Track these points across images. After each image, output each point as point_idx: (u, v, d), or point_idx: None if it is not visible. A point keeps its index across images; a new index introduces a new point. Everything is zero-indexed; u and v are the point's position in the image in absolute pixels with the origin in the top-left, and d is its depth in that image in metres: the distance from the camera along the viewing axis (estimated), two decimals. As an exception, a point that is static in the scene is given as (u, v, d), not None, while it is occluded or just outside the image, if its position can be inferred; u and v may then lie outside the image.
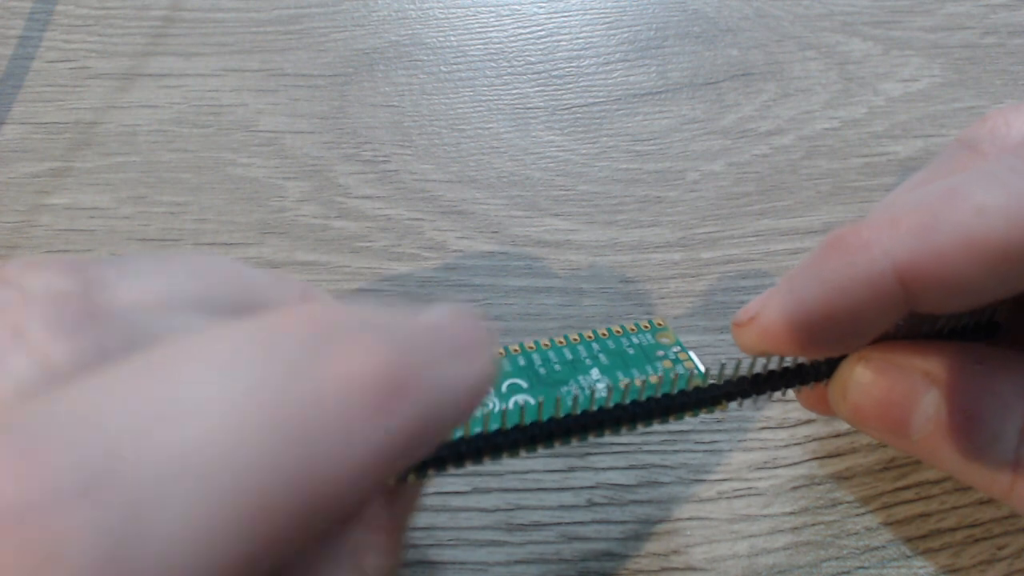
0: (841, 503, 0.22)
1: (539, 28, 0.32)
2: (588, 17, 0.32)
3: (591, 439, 0.15)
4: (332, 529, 0.09)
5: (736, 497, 0.22)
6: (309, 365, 0.08)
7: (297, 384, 0.08)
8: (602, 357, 0.17)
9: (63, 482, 0.06)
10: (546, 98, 0.30)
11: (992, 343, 0.18)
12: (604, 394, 0.15)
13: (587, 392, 0.16)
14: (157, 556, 0.06)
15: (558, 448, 0.16)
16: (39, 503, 0.06)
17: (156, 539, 0.06)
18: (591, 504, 0.22)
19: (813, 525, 0.22)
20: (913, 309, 0.15)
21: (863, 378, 0.16)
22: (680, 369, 0.17)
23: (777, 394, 0.17)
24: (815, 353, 0.17)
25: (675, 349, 0.18)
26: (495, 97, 0.30)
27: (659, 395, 0.16)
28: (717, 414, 0.18)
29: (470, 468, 0.14)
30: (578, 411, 0.15)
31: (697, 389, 0.16)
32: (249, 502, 0.07)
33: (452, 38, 0.32)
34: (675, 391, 0.16)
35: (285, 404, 0.07)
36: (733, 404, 0.17)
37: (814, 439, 0.23)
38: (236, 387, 0.07)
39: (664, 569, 0.21)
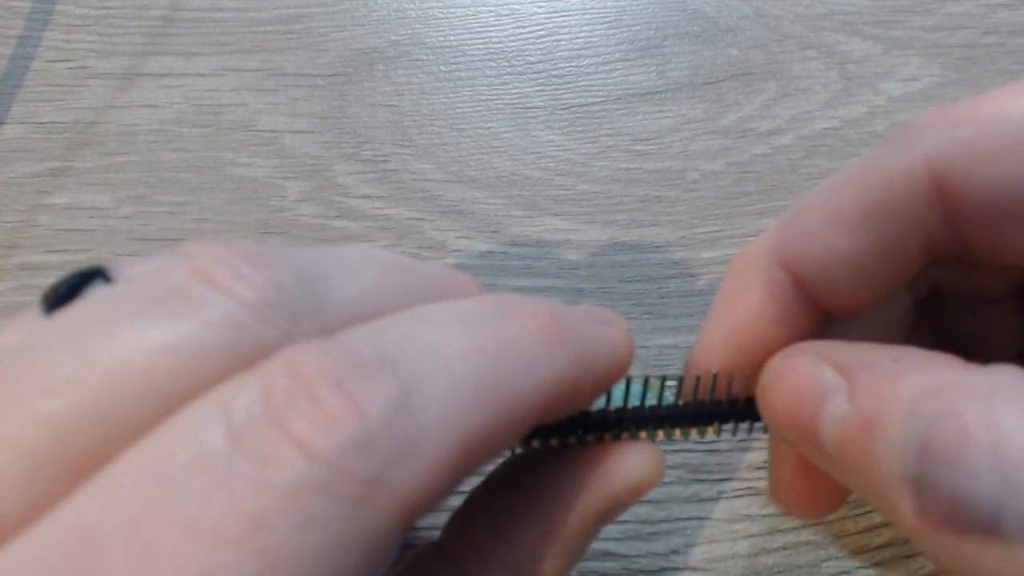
0: (841, 503, 0.22)
1: (539, 28, 0.32)
2: (588, 17, 0.32)
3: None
4: (517, 437, 0.12)
5: (736, 497, 0.22)
6: (504, 321, 0.12)
7: (498, 330, 0.11)
8: None
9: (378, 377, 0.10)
10: (546, 98, 0.30)
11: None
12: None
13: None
14: (426, 415, 0.10)
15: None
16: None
17: (427, 404, 0.10)
18: (591, 504, 0.22)
19: (813, 525, 0.22)
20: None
21: (774, 371, 0.15)
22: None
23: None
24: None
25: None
26: (495, 97, 0.30)
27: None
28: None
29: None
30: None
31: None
32: (477, 395, 0.10)
33: (452, 38, 0.32)
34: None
35: (494, 341, 0.11)
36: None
37: (814, 439, 0.23)
38: (466, 333, 0.11)
39: (664, 569, 0.21)
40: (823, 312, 0.16)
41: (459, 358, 0.11)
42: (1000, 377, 0.12)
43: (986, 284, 0.17)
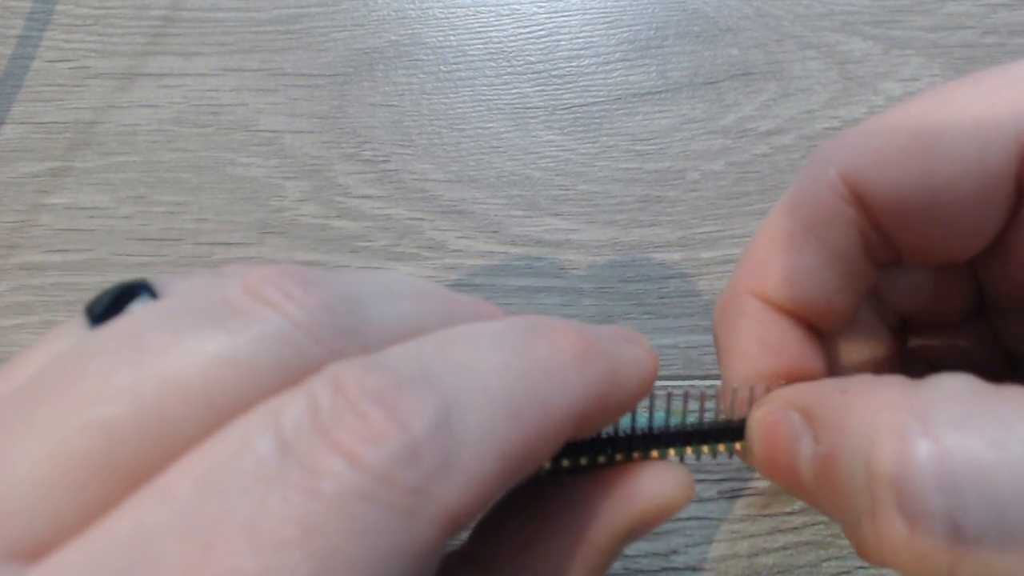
0: (841, 503, 0.22)
1: (539, 28, 0.32)
2: (588, 17, 0.32)
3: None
4: (548, 452, 0.12)
5: (736, 497, 0.22)
6: (534, 340, 0.12)
7: (530, 349, 0.12)
8: None
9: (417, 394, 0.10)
10: (546, 98, 0.30)
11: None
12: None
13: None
14: (465, 429, 0.10)
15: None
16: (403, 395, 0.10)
17: (466, 419, 0.10)
18: (591, 504, 0.22)
19: (813, 525, 0.22)
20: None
21: (755, 423, 0.15)
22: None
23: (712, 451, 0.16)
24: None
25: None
26: (495, 97, 0.30)
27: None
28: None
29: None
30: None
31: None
32: (512, 410, 0.11)
33: (452, 38, 0.32)
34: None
35: (527, 358, 0.12)
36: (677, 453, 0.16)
37: (814, 439, 0.23)
38: (499, 351, 0.11)
39: (664, 569, 0.21)
40: (813, 328, 0.17)
41: (494, 375, 0.11)
42: (937, 390, 0.12)
43: (948, 307, 0.18)
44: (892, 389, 0.12)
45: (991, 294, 0.18)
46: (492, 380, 0.11)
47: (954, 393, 0.12)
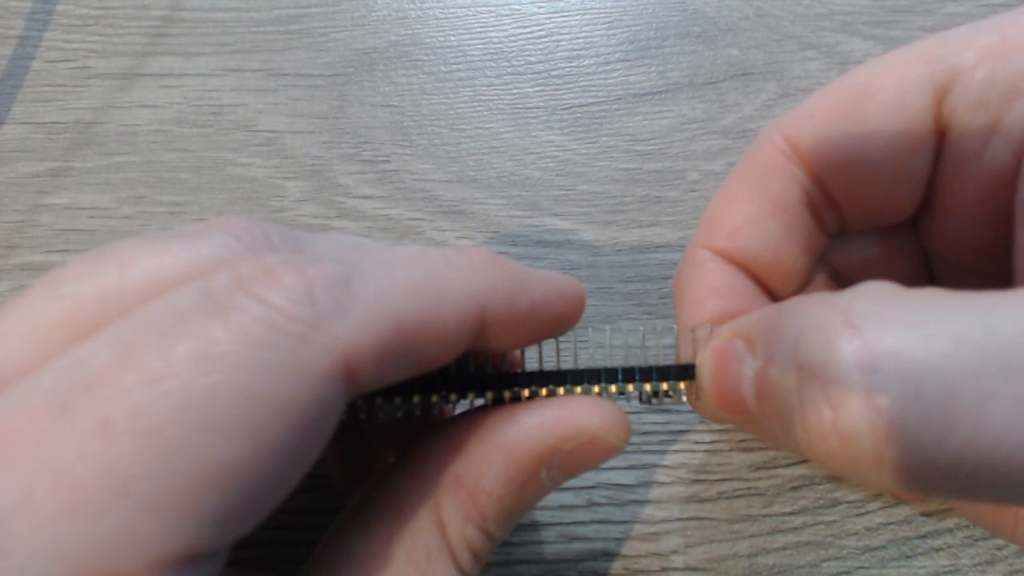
0: (841, 503, 0.22)
1: (539, 28, 0.32)
2: (588, 17, 0.32)
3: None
4: (442, 352, 0.13)
5: (736, 497, 0.22)
6: (447, 250, 0.14)
7: (441, 253, 0.14)
8: None
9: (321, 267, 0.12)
10: (546, 98, 0.30)
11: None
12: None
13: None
14: (364, 291, 0.12)
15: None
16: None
17: (366, 285, 0.12)
18: (591, 504, 0.22)
19: (813, 525, 0.22)
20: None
21: (704, 358, 0.15)
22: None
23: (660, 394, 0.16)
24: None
25: None
26: (495, 97, 0.30)
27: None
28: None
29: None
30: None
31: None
32: (411, 287, 0.13)
33: (452, 38, 0.31)
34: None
35: (434, 255, 0.13)
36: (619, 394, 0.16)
37: (814, 439, 0.23)
38: (411, 251, 0.14)
39: (664, 569, 0.21)
40: (766, 288, 0.18)
41: (400, 263, 0.13)
42: (857, 291, 0.12)
43: (898, 280, 0.19)
44: (818, 297, 0.13)
45: (937, 265, 0.19)
46: (397, 264, 0.13)
47: (873, 291, 0.12)
